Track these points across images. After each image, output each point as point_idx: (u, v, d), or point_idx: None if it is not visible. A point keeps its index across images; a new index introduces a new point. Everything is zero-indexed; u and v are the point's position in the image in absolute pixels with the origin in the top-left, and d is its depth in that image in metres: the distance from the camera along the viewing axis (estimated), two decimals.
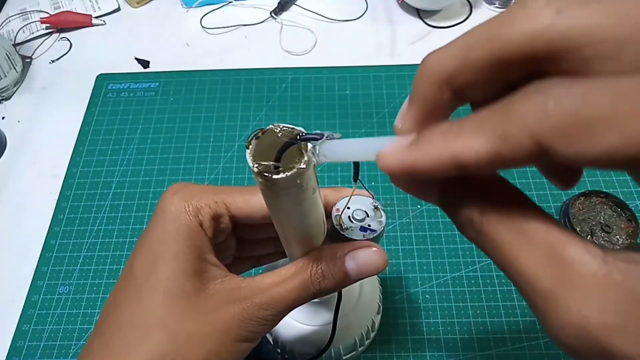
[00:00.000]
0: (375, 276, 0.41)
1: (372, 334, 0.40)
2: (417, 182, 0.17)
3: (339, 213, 0.25)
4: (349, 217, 0.25)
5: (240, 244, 0.30)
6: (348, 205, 0.25)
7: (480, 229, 0.15)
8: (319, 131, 0.18)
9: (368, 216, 0.25)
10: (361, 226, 0.25)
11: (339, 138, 0.19)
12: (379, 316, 0.40)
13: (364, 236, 0.25)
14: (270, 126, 0.19)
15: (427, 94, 0.16)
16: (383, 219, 0.25)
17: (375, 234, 0.25)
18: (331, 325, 0.31)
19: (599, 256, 0.13)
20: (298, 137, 0.19)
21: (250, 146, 0.19)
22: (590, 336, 0.12)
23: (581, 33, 0.13)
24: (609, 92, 0.12)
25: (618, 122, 0.11)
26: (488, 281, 0.43)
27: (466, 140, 0.14)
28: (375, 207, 0.25)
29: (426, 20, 0.62)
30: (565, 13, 0.13)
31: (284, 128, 0.19)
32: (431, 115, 0.16)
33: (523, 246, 0.14)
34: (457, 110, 0.17)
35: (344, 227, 0.25)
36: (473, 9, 0.63)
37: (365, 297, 0.38)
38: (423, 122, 0.16)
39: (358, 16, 0.63)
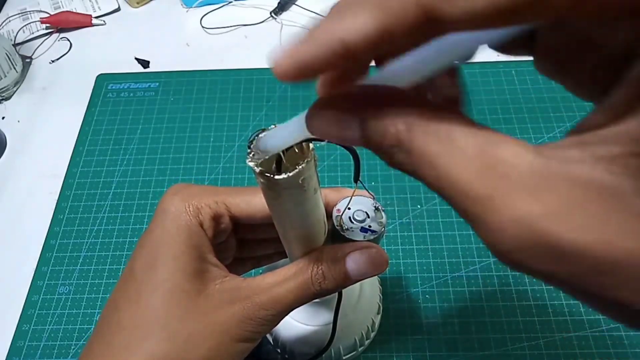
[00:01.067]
0: (376, 276, 0.41)
1: (372, 334, 0.40)
2: (337, 119, 0.15)
3: (340, 214, 0.25)
4: (349, 218, 0.25)
5: (241, 245, 0.30)
6: (349, 206, 0.25)
7: (410, 146, 0.13)
8: None
9: (369, 217, 0.25)
10: (362, 227, 0.25)
11: None
12: (379, 316, 0.41)
13: (364, 237, 0.25)
14: (272, 126, 0.19)
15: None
16: (384, 220, 0.25)
17: (375, 235, 0.25)
18: (331, 325, 0.31)
19: (532, 149, 0.12)
20: None
21: (252, 146, 0.19)
22: (533, 231, 0.11)
23: None
24: None
25: None
26: (488, 281, 0.43)
27: (351, 19, 0.13)
28: (376, 208, 0.25)
29: None
30: None
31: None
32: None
33: (453, 154, 0.13)
34: None
35: (344, 228, 0.25)
36: None
37: (365, 297, 0.38)
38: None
39: None
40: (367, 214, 0.25)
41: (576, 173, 0.11)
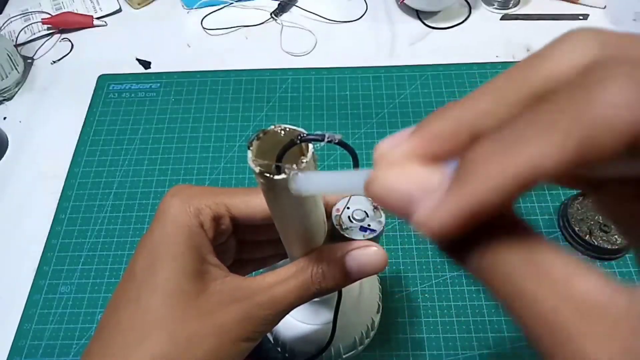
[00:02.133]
0: (375, 275, 0.41)
1: (372, 333, 0.40)
2: (409, 197, 0.14)
3: (339, 213, 0.25)
4: (348, 217, 0.25)
5: (241, 246, 0.30)
6: (348, 206, 0.26)
7: (486, 259, 0.13)
8: (319, 132, 0.19)
9: (368, 216, 0.25)
10: (361, 226, 0.25)
11: (340, 138, 0.19)
12: (379, 315, 0.41)
13: (363, 236, 0.25)
14: (272, 127, 0.20)
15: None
16: (382, 219, 0.25)
17: (375, 234, 0.25)
18: (331, 324, 0.32)
19: (624, 291, 0.11)
20: (299, 137, 0.19)
21: (252, 147, 0.19)
22: None
23: None
24: None
25: None
26: None
27: (533, 147, 0.11)
28: (375, 207, 0.26)
29: (425, 21, 0.62)
30: None
31: (285, 129, 0.19)
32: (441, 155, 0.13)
33: (535, 276, 0.12)
34: None
35: (343, 227, 0.25)
36: (472, 10, 0.63)
37: (365, 296, 0.38)
38: (425, 158, 0.14)
39: (358, 17, 0.64)
40: (366, 213, 0.25)
41: None
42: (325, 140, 0.18)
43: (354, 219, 0.25)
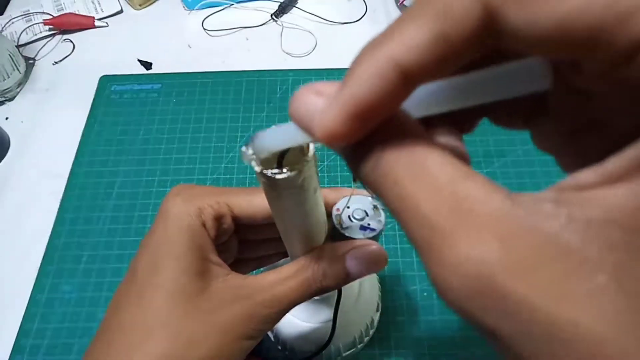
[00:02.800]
0: (375, 274, 0.42)
1: (372, 332, 0.40)
2: (312, 106, 0.14)
3: (339, 212, 0.26)
4: (348, 216, 0.26)
5: (242, 245, 0.30)
6: (348, 205, 0.26)
7: (377, 162, 0.13)
8: None
9: (367, 215, 0.26)
10: (361, 225, 0.25)
11: None
12: (378, 314, 0.41)
13: (363, 235, 0.25)
14: (273, 127, 0.20)
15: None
16: (382, 218, 0.26)
17: (374, 233, 0.25)
18: (331, 322, 0.32)
19: (503, 192, 0.11)
20: None
21: (249, 145, 0.19)
22: (485, 275, 0.10)
23: None
24: None
25: None
26: None
27: (400, 34, 0.11)
28: (375, 207, 0.26)
29: None
30: None
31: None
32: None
33: (422, 179, 0.12)
34: None
35: (344, 227, 0.25)
36: None
37: (364, 295, 0.38)
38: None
39: (358, 18, 0.64)
40: (366, 212, 0.26)
41: (545, 228, 0.10)
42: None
43: (354, 218, 0.26)
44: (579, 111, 0.14)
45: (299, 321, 0.36)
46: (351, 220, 0.26)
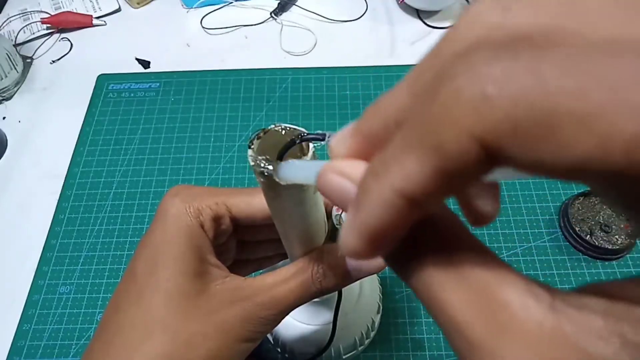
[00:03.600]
0: (375, 275, 0.41)
1: (372, 333, 0.40)
2: (342, 190, 0.14)
3: (339, 213, 0.25)
4: None
5: (241, 246, 0.30)
6: None
7: (411, 272, 0.13)
8: (320, 131, 0.19)
9: None
10: None
11: None
12: (379, 315, 0.41)
13: None
14: (272, 126, 0.20)
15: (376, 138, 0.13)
16: None
17: None
18: (331, 324, 0.32)
19: (546, 301, 0.10)
20: (300, 137, 0.19)
21: (253, 146, 0.19)
22: None
23: None
24: (577, 69, 0.08)
25: (594, 118, 0.08)
26: None
27: (400, 168, 0.11)
28: None
29: (426, 21, 0.62)
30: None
31: (286, 128, 0.19)
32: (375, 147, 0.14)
33: (454, 286, 0.11)
34: None
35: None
36: None
37: (365, 296, 0.38)
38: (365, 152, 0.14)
39: (358, 17, 0.64)
40: None
41: (595, 353, 0.09)
42: (326, 140, 0.18)
43: None
44: None
45: (299, 323, 0.36)
46: None
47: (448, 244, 0.12)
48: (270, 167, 0.18)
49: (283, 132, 0.19)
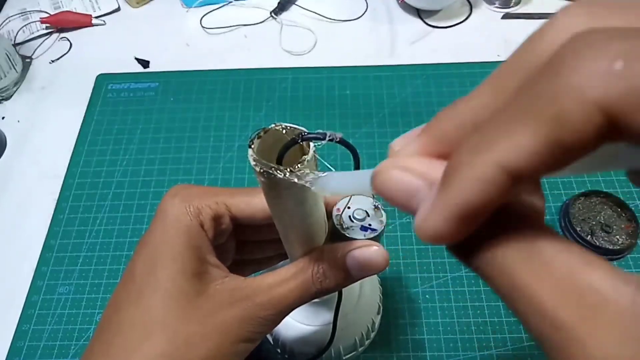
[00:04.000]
0: (376, 276, 0.41)
1: (373, 334, 0.40)
2: (409, 189, 0.14)
3: (340, 213, 0.25)
4: (349, 217, 0.25)
5: (241, 247, 0.30)
6: (348, 205, 0.25)
7: (491, 254, 0.12)
8: (320, 130, 0.19)
9: (369, 216, 0.25)
10: (362, 225, 0.25)
11: (341, 137, 0.19)
12: (379, 316, 0.40)
13: (364, 236, 0.25)
14: (272, 126, 0.19)
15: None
16: (383, 219, 0.25)
17: (375, 234, 0.25)
18: (331, 325, 0.31)
19: (632, 282, 0.10)
20: (300, 136, 0.19)
21: (253, 145, 0.19)
22: None
23: None
24: None
25: None
26: None
27: (508, 139, 0.11)
28: (376, 207, 0.25)
29: (426, 20, 0.62)
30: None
31: (287, 127, 0.19)
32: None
33: (537, 272, 0.11)
34: None
35: (344, 227, 0.25)
36: (473, 9, 0.63)
37: (365, 297, 0.38)
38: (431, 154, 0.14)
39: (358, 16, 0.64)
40: (367, 212, 0.25)
41: None
42: (326, 139, 0.18)
43: (355, 218, 0.25)
44: None
45: (299, 323, 0.36)
46: (352, 221, 0.25)
47: (528, 228, 0.12)
48: (309, 179, 0.18)
49: (283, 131, 0.19)
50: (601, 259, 0.11)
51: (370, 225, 0.25)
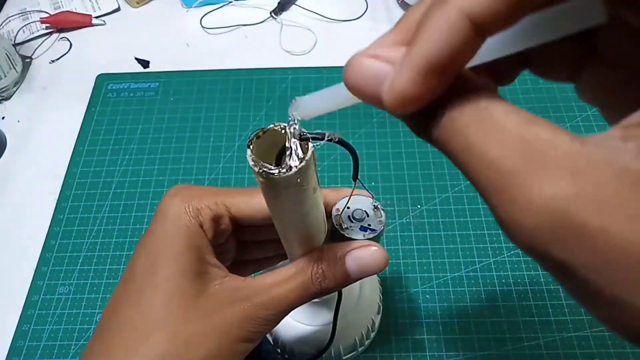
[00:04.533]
0: (375, 276, 0.41)
1: (372, 334, 0.40)
2: (374, 73, 0.14)
3: (339, 213, 0.25)
4: (349, 217, 0.25)
5: (241, 247, 0.30)
6: (348, 205, 0.25)
7: (444, 113, 0.13)
8: (319, 131, 0.19)
9: (368, 216, 0.25)
10: (361, 226, 0.25)
11: (340, 137, 0.19)
12: (379, 316, 0.41)
13: (364, 236, 0.25)
14: (272, 126, 0.19)
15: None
16: (383, 218, 0.25)
17: (375, 234, 0.25)
18: (331, 325, 0.31)
19: (569, 133, 0.11)
20: (300, 136, 0.19)
21: (252, 146, 0.19)
22: (561, 211, 0.11)
23: None
24: None
25: None
26: (488, 281, 0.43)
27: None
28: (375, 207, 0.25)
29: None
30: None
31: (285, 127, 0.19)
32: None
33: (488, 128, 0.12)
34: None
35: (344, 227, 0.25)
36: None
37: (365, 297, 0.38)
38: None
39: (358, 16, 0.64)
40: (367, 212, 0.25)
41: (617, 161, 0.11)
42: (325, 139, 0.18)
43: (354, 218, 0.25)
44: (634, 56, 0.14)
45: (299, 323, 0.36)
46: (351, 221, 0.25)
47: (482, 96, 0.13)
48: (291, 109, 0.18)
49: (282, 131, 0.19)
50: (544, 119, 0.12)
51: (369, 225, 0.25)
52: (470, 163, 0.12)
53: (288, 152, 0.18)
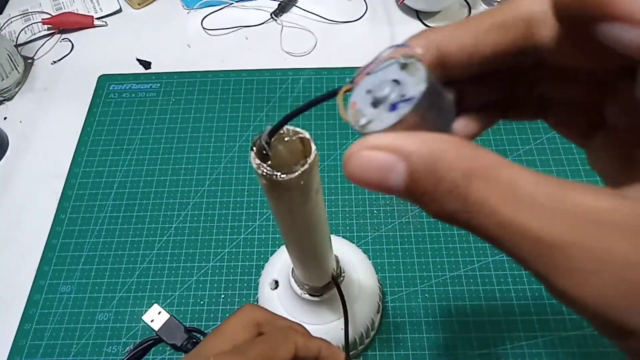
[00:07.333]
0: (375, 275, 0.41)
1: (372, 333, 0.40)
2: (377, 162, 0.13)
3: (357, 106, 0.15)
4: (371, 103, 0.15)
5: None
6: (369, 89, 0.15)
7: (467, 193, 0.12)
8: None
9: (398, 83, 0.14)
10: (391, 104, 0.14)
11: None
12: (379, 315, 0.41)
13: (398, 117, 0.14)
14: (267, 127, 0.20)
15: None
16: (422, 73, 0.14)
17: (411, 105, 0.13)
18: (331, 324, 0.32)
19: (610, 191, 0.11)
20: (299, 135, 0.19)
21: (255, 147, 0.19)
22: (626, 277, 0.10)
23: None
24: None
25: None
26: (487, 280, 0.44)
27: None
28: (404, 64, 0.14)
29: (425, 22, 0.63)
30: None
31: (287, 129, 0.19)
32: None
33: (519, 200, 0.11)
34: None
35: (364, 123, 0.15)
36: (472, 10, 0.63)
37: (365, 296, 0.38)
38: None
39: (358, 17, 0.64)
40: (396, 80, 0.14)
41: None
42: (339, 94, 0.16)
43: (379, 99, 0.15)
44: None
45: (302, 323, 0.36)
46: (375, 107, 0.15)
47: (497, 162, 0.12)
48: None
49: (283, 132, 0.20)
50: (575, 182, 0.11)
51: (403, 96, 0.14)
52: (503, 239, 0.12)
53: (264, 152, 0.19)
